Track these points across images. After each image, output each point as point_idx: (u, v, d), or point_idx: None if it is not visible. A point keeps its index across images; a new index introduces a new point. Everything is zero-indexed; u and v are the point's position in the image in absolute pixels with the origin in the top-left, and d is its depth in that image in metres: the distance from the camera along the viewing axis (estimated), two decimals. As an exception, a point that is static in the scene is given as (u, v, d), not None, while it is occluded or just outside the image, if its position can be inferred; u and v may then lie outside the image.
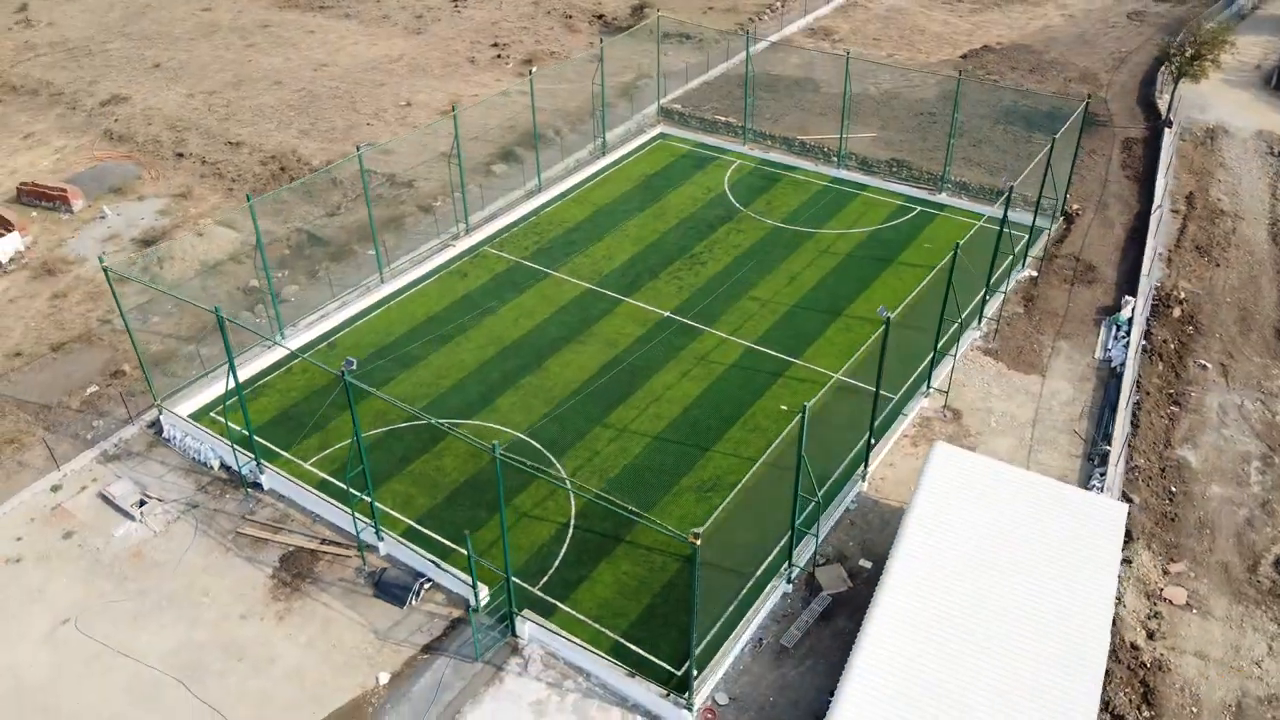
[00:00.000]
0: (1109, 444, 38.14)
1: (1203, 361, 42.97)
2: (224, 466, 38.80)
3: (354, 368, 32.15)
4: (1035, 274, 48.74)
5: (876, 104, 65.27)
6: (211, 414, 41.14)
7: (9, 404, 42.61)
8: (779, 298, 47.22)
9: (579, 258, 50.78)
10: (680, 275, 49.26)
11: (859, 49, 71.72)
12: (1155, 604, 32.88)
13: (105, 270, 37.99)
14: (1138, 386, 41.32)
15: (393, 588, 33.59)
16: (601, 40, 64.29)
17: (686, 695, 29.16)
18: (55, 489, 38.26)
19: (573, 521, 35.77)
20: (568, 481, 37.11)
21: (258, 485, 37.89)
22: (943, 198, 55.15)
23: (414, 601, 33.27)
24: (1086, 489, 36.27)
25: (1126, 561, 33.90)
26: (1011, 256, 47.64)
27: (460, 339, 45.13)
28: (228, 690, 30.80)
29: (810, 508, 33.21)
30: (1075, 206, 53.48)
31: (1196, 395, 41.53)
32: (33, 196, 56.99)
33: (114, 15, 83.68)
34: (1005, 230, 42.92)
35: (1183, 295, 46.15)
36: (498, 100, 66.73)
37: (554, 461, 38.49)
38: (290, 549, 35.48)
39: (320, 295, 47.95)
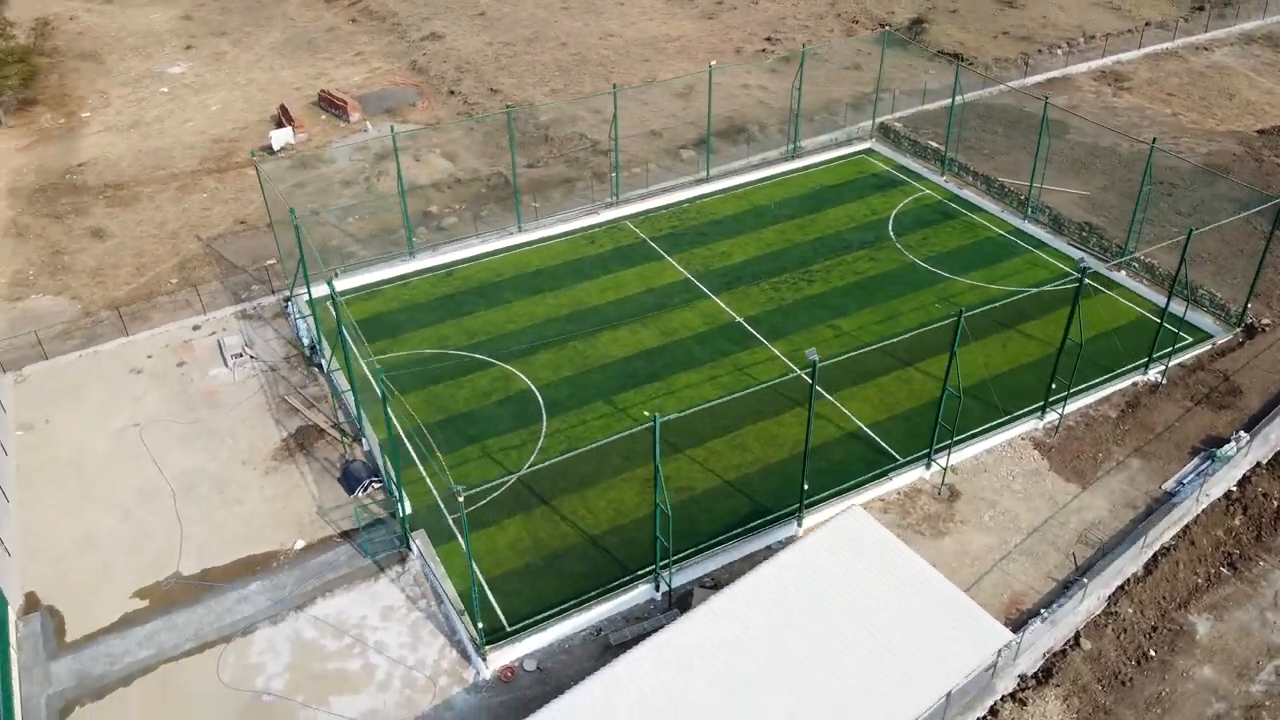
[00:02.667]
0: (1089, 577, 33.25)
1: (1300, 534, 35.37)
2: (309, 346, 46.10)
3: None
4: (1160, 381, 42.12)
5: (1116, 162, 58.04)
6: (326, 303, 48.72)
7: (214, 256, 53.35)
8: (860, 332, 45.37)
9: (699, 249, 51.98)
10: (780, 287, 48.80)
11: (1141, 101, 63.75)
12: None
13: (257, 168, 46.44)
14: (1185, 532, 35.10)
15: (350, 477, 38.68)
16: (804, 47, 63.43)
17: (485, 648, 31.24)
18: (195, 328, 47.84)
19: (521, 472, 38.42)
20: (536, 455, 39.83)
21: (321, 367, 44.68)
22: (1121, 276, 48.71)
23: (360, 494, 38.09)
24: (1035, 615, 32.28)
25: (1015, 699, 30.02)
26: (1147, 359, 41.83)
27: (547, 294, 48.79)
28: (198, 510, 37.73)
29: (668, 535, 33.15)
30: (1266, 320, 44.85)
31: (1263, 568, 34.43)
32: (326, 103, 68.84)
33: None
34: (1163, 327, 39.07)
35: (1328, 454, 37.83)
36: (737, 91, 68.43)
37: (543, 417, 41.19)
38: (309, 424, 41.83)
39: (467, 230, 53.90)
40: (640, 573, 34.13)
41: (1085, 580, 33.00)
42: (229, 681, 31.67)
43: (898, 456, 38.63)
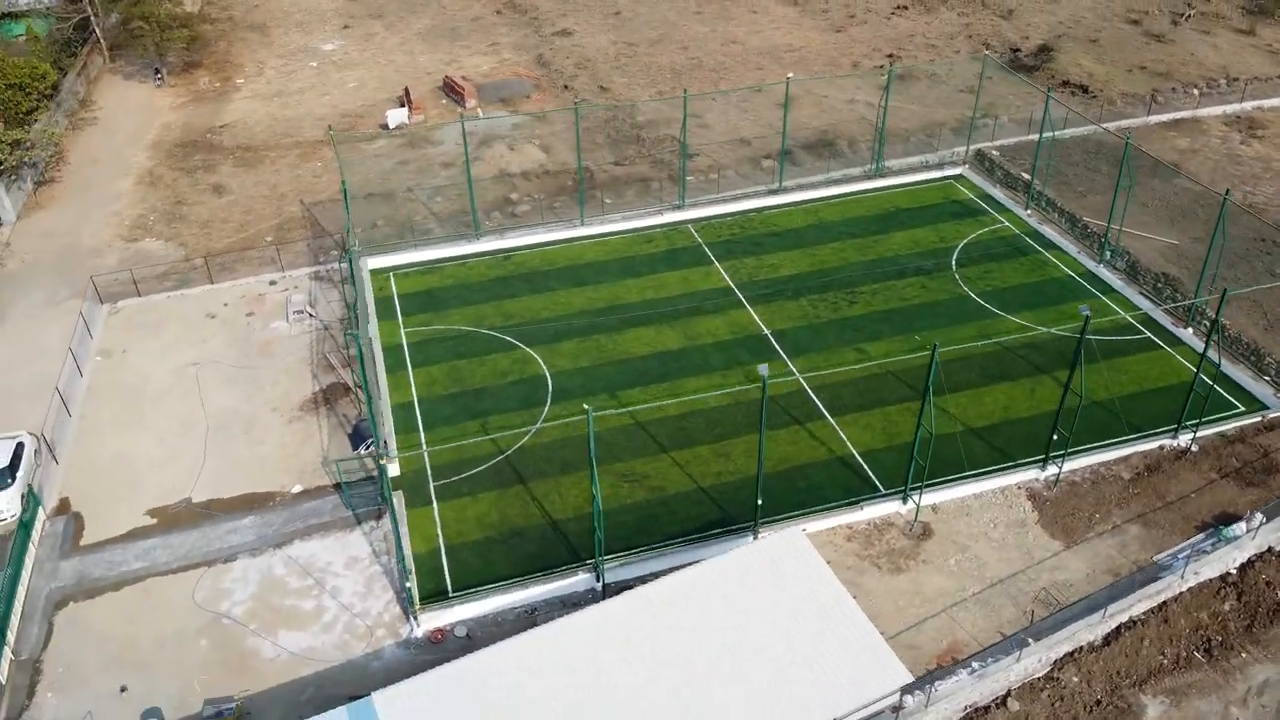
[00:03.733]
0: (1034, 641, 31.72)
1: (1296, 629, 32.45)
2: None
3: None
4: (1193, 448, 39.25)
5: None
6: (389, 273, 52.01)
7: (309, 220, 57.63)
8: (886, 358, 44.41)
9: (749, 259, 52.06)
10: (818, 305, 48.35)
11: (1270, 152, 58.76)
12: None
13: (334, 141, 49.96)
14: (1161, 608, 32.86)
15: (357, 435, 41.45)
16: (890, 66, 61.67)
17: (418, 609, 33.11)
18: (271, 283, 52.02)
19: (505, 455, 40.05)
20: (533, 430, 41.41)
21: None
22: (1188, 333, 45.49)
23: (361, 451, 40.75)
24: (962, 666, 31.22)
25: (915, 744, 29.24)
26: (1177, 424, 39.26)
27: (589, 287, 50.22)
28: (222, 446, 41.42)
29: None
30: (1334, 398, 40.96)
31: (1243, 661, 31.85)
32: (448, 88, 72.69)
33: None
34: (1194, 391, 37.62)
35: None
36: (840, 105, 67.66)
37: (547, 403, 42.68)
38: (339, 382, 44.98)
39: (537, 219, 56.01)
40: (586, 562, 35.13)
41: (1029, 640, 31.57)
42: (200, 601, 34.87)
43: (880, 487, 37.89)
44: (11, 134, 58.50)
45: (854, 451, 39.73)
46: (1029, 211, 55.09)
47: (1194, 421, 39.57)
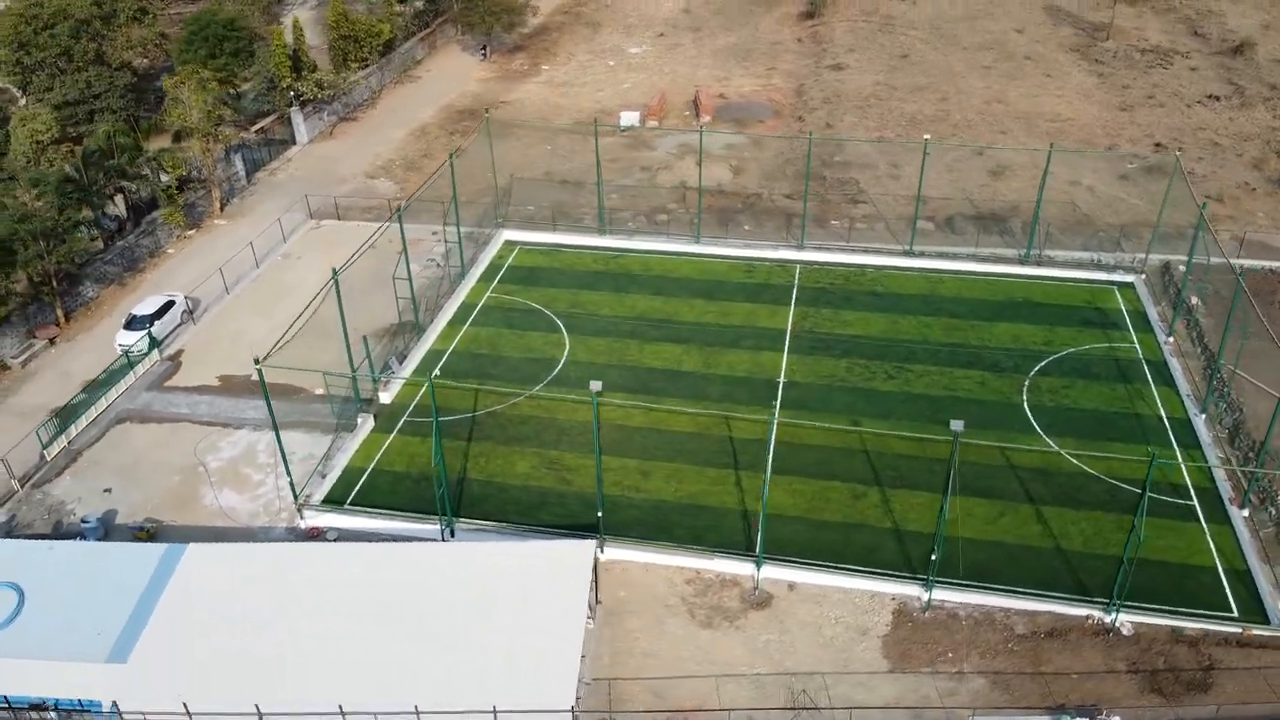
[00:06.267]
0: None
1: None
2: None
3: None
4: (1123, 631, 33.24)
5: None
6: (517, 247, 58.30)
7: (504, 190, 65.62)
8: (874, 437, 42.08)
9: (826, 310, 51.06)
10: (854, 369, 46.58)
11: None
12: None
13: (488, 123, 56.80)
14: (926, 762, 29.41)
15: (382, 364, 48.31)
16: (1156, 153, 54.31)
17: (302, 506, 39.16)
18: (434, 233, 60.39)
19: (473, 415, 44.56)
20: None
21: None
22: (1240, 515, 37.63)
23: (380, 377, 47.39)
24: (686, 728, 30.79)
25: (579, 773, 29.66)
26: (1109, 601, 33.82)
27: (659, 297, 52.64)
28: (301, 345, 49.36)
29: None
30: (1349, 639, 32.02)
31: None
32: (695, 102, 77.02)
33: (951, 4, 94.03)
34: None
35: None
36: (1063, 185, 61.95)
37: (542, 382, 46.39)
38: (410, 320, 52.11)
39: (671, 230, 59.00)
40: (442, 515, 38.57)
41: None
42: (196, 450, 43.79)
43: (755, 547, 36.87)
44: (316, 75, 73.00)
45: (760, 511, 38.86)
46: (1169, 339, 47.65)
47: (1139, 604, 33.59)
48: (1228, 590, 34.96)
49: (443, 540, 37.85)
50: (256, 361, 37.64)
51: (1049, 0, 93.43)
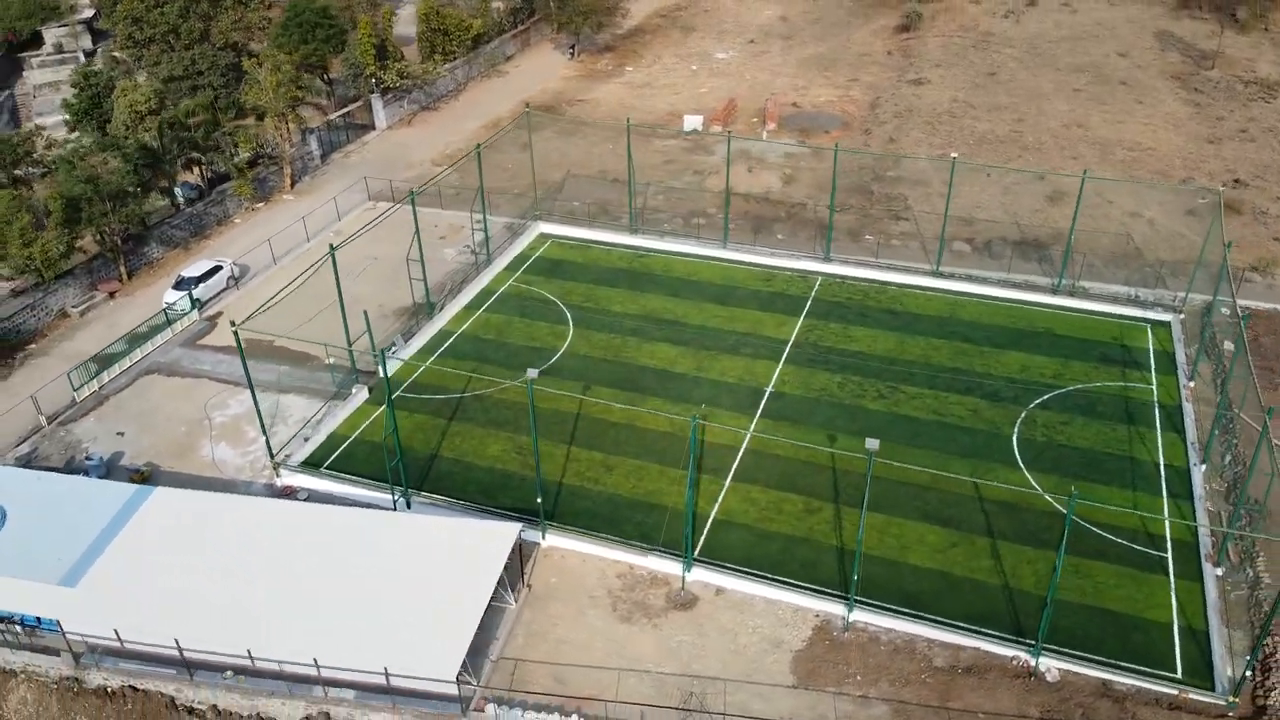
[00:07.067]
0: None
1: None
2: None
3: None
4: (1047, 677, 31.72)
5: None
6: (549, 239, 59.62)
7: (556, 185, 67.10)
8: (844, 455, 41.36)
9: (835, 324, 50.33)
10: (846, 386, 45.81)
11: None
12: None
13: (527, 111, 58.14)
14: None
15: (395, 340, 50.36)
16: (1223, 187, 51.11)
17: (278, 466, 41.26)
18: (477, 221, 62.41)
19: (461, 395, 46.01)
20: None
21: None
22: (1213, 574, 35.26)
23: (388, 352, 49.31)
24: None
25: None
26: (1035, 644, 32.45)
27: (672, 298, 52.95)
28: (329, 317, 52.52)
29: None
30: (1288, 713, 29.60)
31: None
32: (765, 109, 76.71)
33: (1057, 25, 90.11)
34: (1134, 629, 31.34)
35: None
36: (1123, 216, 59.06)
37: (534, 370, 47.30)
38: (434, 300, 54.01)
39: (702, 234, 59.15)
40: (402, 488, 40.04)
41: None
42: (206, 406, 46.76)
43: (686, 553, 36.74)
44: (399, 65, 76.24)
45: (713, 514, 38.88)
46: (1191, 383, 44.91)
47: (1070, 651, 32.05)
48: (1177, 649, 32.98)
49: (394, 510, 39.36)
50: (233, 324, 39.83)
51: (1163, 26, 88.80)
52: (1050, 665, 32.34)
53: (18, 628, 34.92)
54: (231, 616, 32.26)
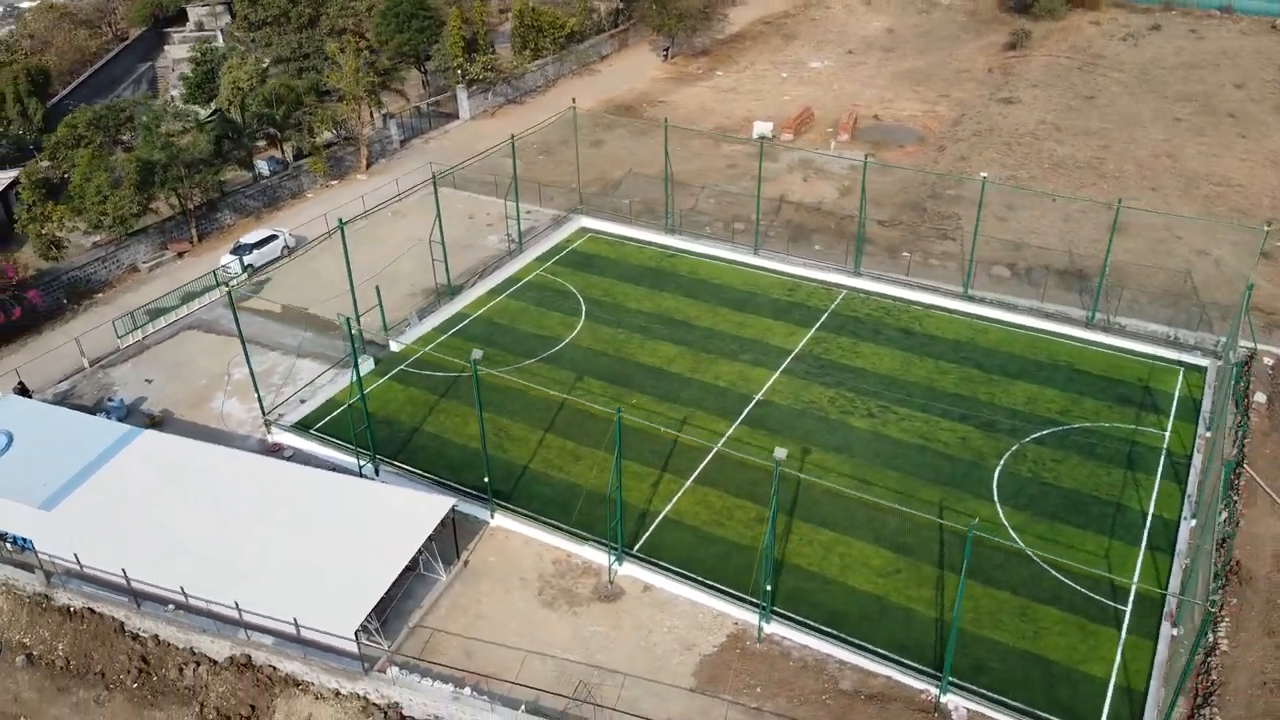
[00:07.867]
0: None
1: None
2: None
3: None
4: (952, 715, 30.29)
5: None
6: (588, 234, 60.48)
7: (611, 183, 68.07)
8: (818, 469, 40.64)
9: (844, 338, 49.26)
10: (837, 401, 44.84)
11: None
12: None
13: (572, 108, 59.04)
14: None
15: (415, 316, 52.23)
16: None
17: (269, 425, 43.63)
18: (528, 213, 63.92)
19: (459, 375, 47.39)
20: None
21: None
22: (1169, 634, 32.84)
23: (403, 328, 51.43)
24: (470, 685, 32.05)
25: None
26: (941, 679, 31.08)
27: (687, 300, 52.98)
28: (363, 295, 55.24)
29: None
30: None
31: None
32: (846, 120, 75.42)
33: (1177, 51, 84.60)
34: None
35: None
36: (1188, 255, 55.44)
37: (535, 358, 48.44)
38: (469, 283, 55.74)
39: (739, 240, 58.86)
40: (379, 457, 41.61)
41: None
42: (229, 364, 49.74)
43: (619, 545, 36.83)
44: (485, 59, 78.70)
45: (665, 513, 38.85)
46: (1206, 432, 41.84)
47: (983, 691, 30.57)
48: (1106, 706, 31.02)
49: (359, 475, 41.00)
50: (226, 285, 42.32)
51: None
52: (959, 704, 30.99)
53: (9, 545, 38.29)
54: (175, 554, 34.51)
